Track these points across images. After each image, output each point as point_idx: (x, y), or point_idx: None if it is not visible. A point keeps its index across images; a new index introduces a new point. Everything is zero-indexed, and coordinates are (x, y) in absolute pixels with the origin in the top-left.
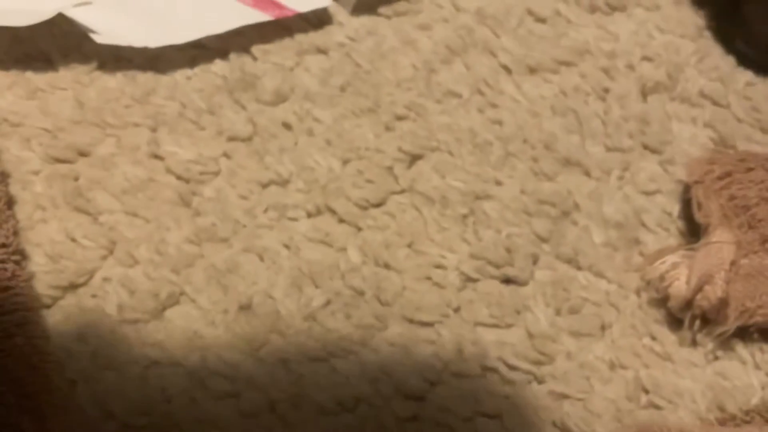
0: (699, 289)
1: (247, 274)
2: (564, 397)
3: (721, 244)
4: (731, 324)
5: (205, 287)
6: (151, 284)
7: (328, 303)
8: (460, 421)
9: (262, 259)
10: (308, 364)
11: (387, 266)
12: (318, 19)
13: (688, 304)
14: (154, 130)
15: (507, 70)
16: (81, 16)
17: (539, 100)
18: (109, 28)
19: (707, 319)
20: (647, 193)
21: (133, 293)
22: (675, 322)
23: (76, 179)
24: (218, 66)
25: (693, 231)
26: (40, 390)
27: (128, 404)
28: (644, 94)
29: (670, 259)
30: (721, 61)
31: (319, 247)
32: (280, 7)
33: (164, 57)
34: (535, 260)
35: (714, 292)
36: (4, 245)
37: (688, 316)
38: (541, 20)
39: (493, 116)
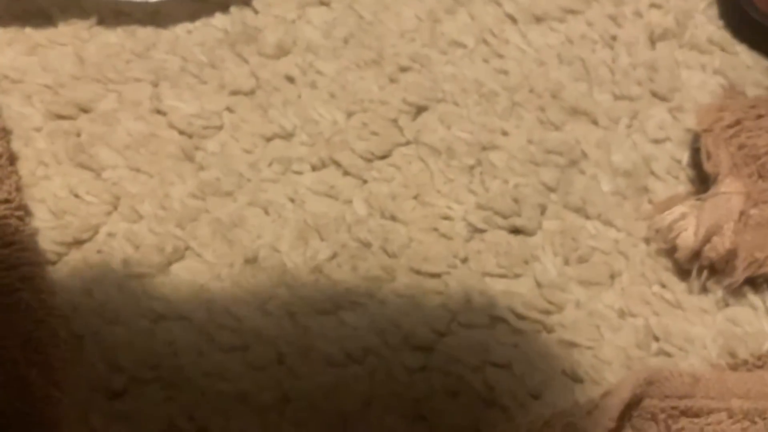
0: (707, 240)
1: (252, 228)
2: (574, 345)
3: (729, 194)
4: (740, 275)
5: (210, 241)
6: (156, 239)
7: (334, 255)
8: (469, 371)
9: (267, 212)
10: (315, 316)
11: (393, 218)
12: None
13: (696, 254)
14: (155, 85)
15: (512, 19)
16: None
17: (545, 48)
18: None
19: (716, 270)
20: (656, 141)
21: (138, 248)
22: (684, 270)
23: (78, 135)
24: (219, 19)
25: (702, 179)
26: (47, 343)
27: (136, 358)
28: (652, 41)
29: (678, 209)
30: (729, 8)
31: (325, 200)
32: None
33: (164, 11)
34: (543, 210)
35: (722, 243)
36: (6, 201)
37: (696, 267)
38: None
39: (499, 66)
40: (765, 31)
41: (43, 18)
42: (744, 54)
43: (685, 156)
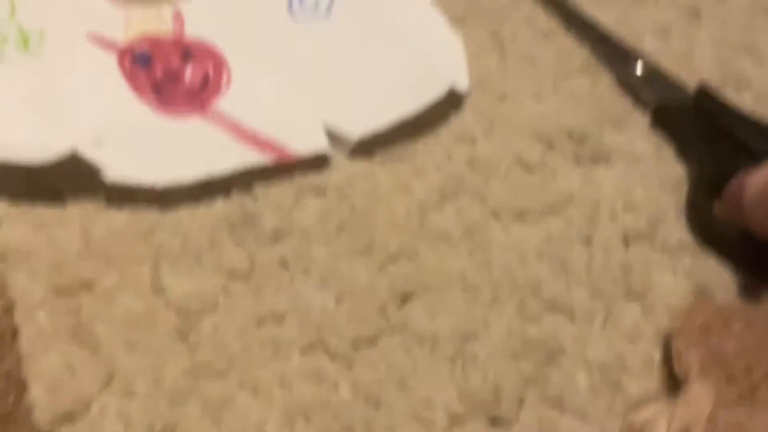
0: None
1: (240, 410)
2: None
3: (699, 397)
4: None
5: (199, 421)
6: (146, 417)
7: None
8: None
9: (255, 394)
10: None
11: (377, 404)
12: (317, 162)
13: None
14: (156, 264)
15: (496, 215)
16: (93, 154)
17: (526, 244)
18: (119, 166)
19: None
20: (630, 339)
21: (128, 426)
22: None
23: (79, 312)
24: (220, 204)
25: (675, 378)
26: None
27: None
28: (626, 242)
29: (650, 409)
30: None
31: (312, 384)
32: (281, 150)
33: (169, 194)
34: (521, 402)
35: None
36: (7, 376)
37: None
38: (529, 168)
39: (482, 259)
40: (726, 238)
41: (54, 197)
42: (713, 258)
43: (657, 354)
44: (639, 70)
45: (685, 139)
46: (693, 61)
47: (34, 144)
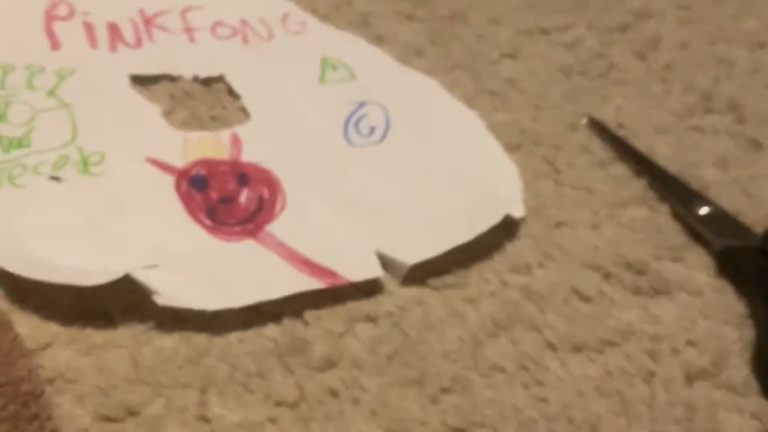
0: None
1: None
2: None
3: None
4: None
5: None
6: None
7: None
8: None
9: None
10: None
11: None
12: (369, 288)
13: None
14: (203, 391)
15: (552, 347)
16: (145, 276)
17: (584, 379)
18: (170, 289)
19: None
20: None
21: None
22: None
23: None
24: (270, 329)
25: None
26: None
27: None
28: (689, 379)
29: None
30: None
31: None
32: (334, 275)
33: (219, 319)
34: None
35: None
36: None
37: None
38: (586, 299)
39: (538, 393)
40: None
41: (104, 319)
42: None
43: None
44: (702, 210)
45: (753, 283)
46: (754, 193)
47: (88, 266)
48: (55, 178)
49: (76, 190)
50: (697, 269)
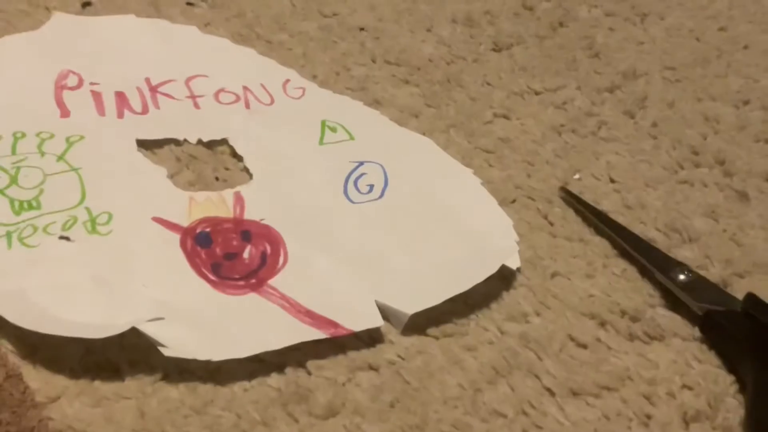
0: None
1: None
2: None
3: None
4: None
5: None
6: None
7: None
8: None
9: None
10: None
11: None
12: (370, 338)
13: None
14: None
15: (550, 392)
16: (151, 329)
17: (583, 423)
18: (176, 341)
19: None
20: None
21: None
22: None
23: None
24: (274, 379)
25: None
26: None
27: None
28: (686, 422)
29: None
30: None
31: None
32: (336, 325)
33: (224, 369)
34: None
35: None
36: None
37: None
38: (582, 346)
39: None
40: None
41: (112, 371)
42: None
43: None
44: (681, 276)
45: (738, 346)
46: (743, 242)
47: (95, 320)
48: (65, 238)
49: (84, 249)
50: (690, 314)
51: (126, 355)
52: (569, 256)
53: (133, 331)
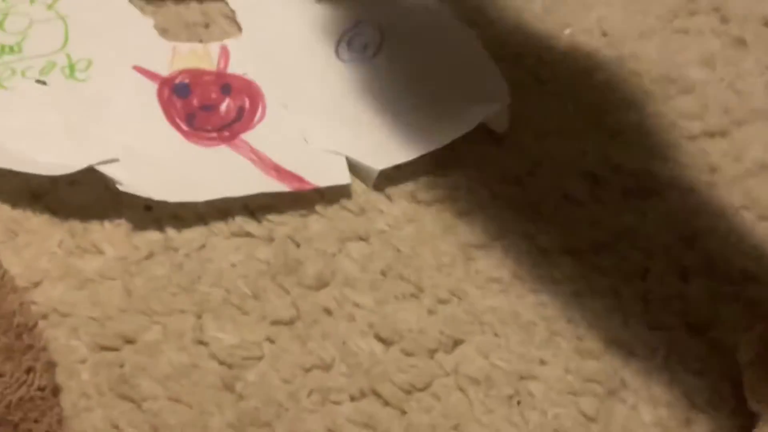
0: None
1: None
2: None
3: None
4: None
5: None
6: None
7: None
8: None
9: None
10: None
11: None
12: (360, 208)
13: None
14: (199, 316)
15: (546, 253)
16: (109, 169)
17: (580, 279)
18: (133, 181)
19: None
20: (695, 373)
21: None
22: None
23: (122, 366)
24: (263, 252)
25: (746, 413)
26: None
27: None
28: (684, 274)
29: None
30: (760, 239)
31: (363, 431)
32: (301, 180)
33: (210, 245)
34: None
35: None
36: None
37: None
38: (577, 204)
39: (535, 299)
40: None
41: (95, 253)
42: None
43: (726, 387)
44: None
45: None
46: (742, 89)
47: (59, 161)
48: (41, 82)
49: (59, 94)
50: (687, 167)
51: (108, 236)
52: (561, 113)
53: (116, 210)
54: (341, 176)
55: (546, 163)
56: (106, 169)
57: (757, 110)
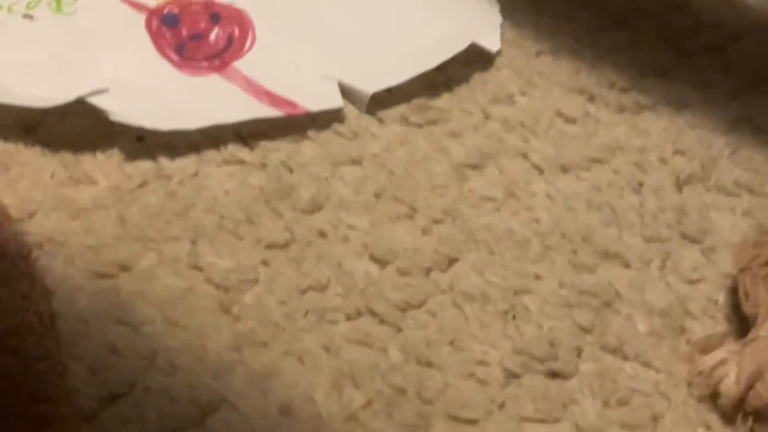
0: (750, 387)
1: (287, 378)
2: None
3: None
4: None
5: (245, 392)
6: (191, 391)
7: (369, 403)
8: None
9: (302, 361)
10: None
11: (429, 364)
12: (352, 132)
13: (740, 402)
14: (194, 242)
15: (539, 170)
16: (98, 101)
17: (574, 196)
18: (124, 111)
19: (763, 416)
20: (690, 282)
21: (173, 401)
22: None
23: (118, 293)
24: (256, 178)
25: (741, 318)
26: None
27: None
28: (679, 185)
29: (718, 354)
30: (754, 151)
31: (360, 348)
32: (293, 105)
33: (203, 173)
34: (579, 353)
35: (766, 390)
36: (46, 357)
37: (741, 413)
38: (571, 121)
39: (530, 215)
40: None
41: (88, 184)
42: None
43: (721, 296)
44: None
45: None
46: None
47: (48, 94)
48: (28, 17)
49: (47, 27)
50: (682, 81)
51: (101, 167)
52: (555, 33)
53: (108, 141)
54: (333, 100)
55: (539, 82)
56: (97, 100)
57: (753, 24)
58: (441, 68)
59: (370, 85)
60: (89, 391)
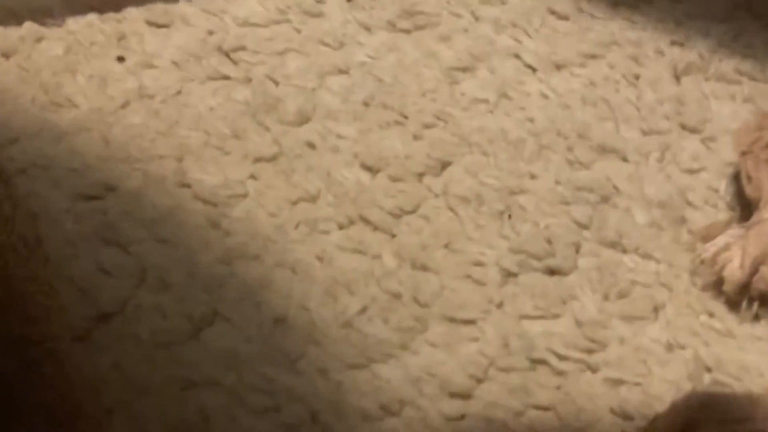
0: (754, 270)
1: (280, 289)
2: (621, 382)
3: None
4: None
5: (238, 305)
6: (183, 307)
7: (364, 309)
8: (511, 416)
9: (294, 272)
10: (348, 371)
11: (424, 268)
12: (338, 42)
13: (745, 286)
14: (180, 160)
15: (532, 69)
16: None
17: (569, 93)
18: None
19: (767, 299)
20: (690, 171)
21: (166, 317)
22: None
23: (105, 214)
24: (240, 93)
25: (743, 205)
26: (72, 418)
27: (166, 427)
28: (677, 76)
29: (722, 239)
30: (755, 38)
31: (353, 256)
32: None
33: (186, 91)
34: (577, 248)
35: None
36: (32, 278)
37: (746, 298)
38: (564, 18)
39: (523, 115)
40: None
41: (69, 107)
42: None
43: (722, 184)
44: None
45: None
46: None
47: None
48: None
49: None
50: None
51: (82, 90)
52: None
53: (88, 63)
54: None
55: None
56: None
57: None
58: None
59: None
60: (80, 311)
